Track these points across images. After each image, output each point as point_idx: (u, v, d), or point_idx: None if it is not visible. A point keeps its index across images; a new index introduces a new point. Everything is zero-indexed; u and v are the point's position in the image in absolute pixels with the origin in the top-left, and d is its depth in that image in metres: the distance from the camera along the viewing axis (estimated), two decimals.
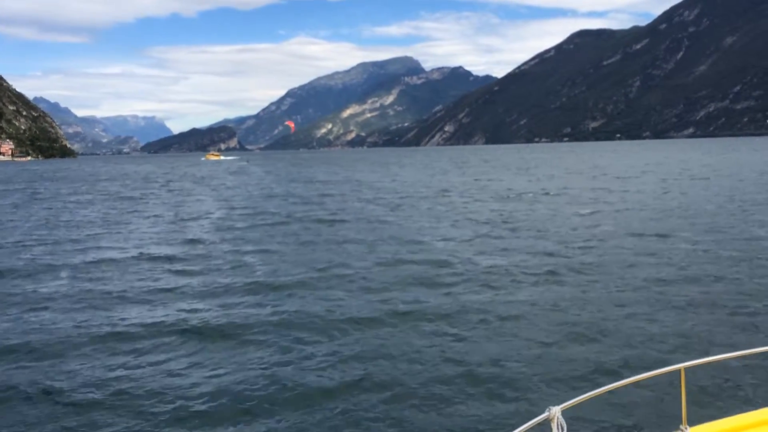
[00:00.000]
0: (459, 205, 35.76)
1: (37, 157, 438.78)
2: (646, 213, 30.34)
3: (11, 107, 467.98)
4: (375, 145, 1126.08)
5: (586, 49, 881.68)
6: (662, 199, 36.41)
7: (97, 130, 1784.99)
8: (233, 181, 76.03)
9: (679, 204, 33.30)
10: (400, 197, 42.67)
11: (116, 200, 47.88)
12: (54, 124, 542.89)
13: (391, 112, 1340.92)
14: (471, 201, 38.13)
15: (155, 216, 35.18)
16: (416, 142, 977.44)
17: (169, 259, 20.26)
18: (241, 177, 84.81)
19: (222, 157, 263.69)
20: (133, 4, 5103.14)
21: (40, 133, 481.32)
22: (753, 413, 4.54)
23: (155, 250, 22.32)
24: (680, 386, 4.23)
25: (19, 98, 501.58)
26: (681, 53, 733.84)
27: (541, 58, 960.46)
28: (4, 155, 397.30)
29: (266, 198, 46.01)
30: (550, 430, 3.70)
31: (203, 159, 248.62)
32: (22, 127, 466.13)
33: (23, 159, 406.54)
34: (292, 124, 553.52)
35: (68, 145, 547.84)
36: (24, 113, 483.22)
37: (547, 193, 41.39)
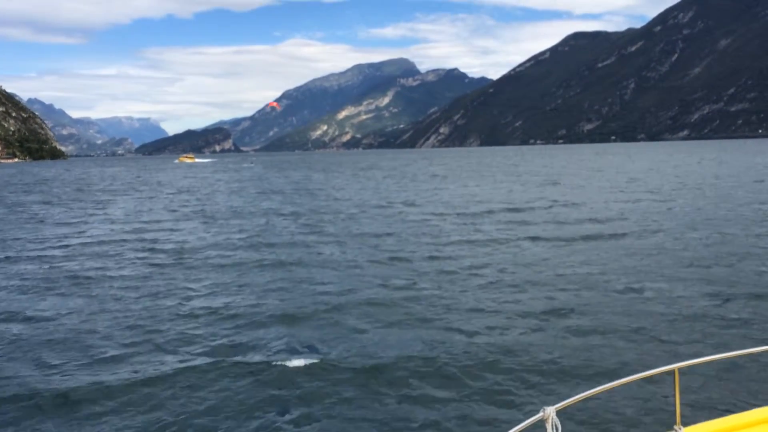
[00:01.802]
0: (400, 226, 29.15)
1: (25, 159, 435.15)
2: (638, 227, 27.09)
3: (0, 108, 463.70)
4: (370, 146, 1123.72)
5: (581, 51, 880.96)
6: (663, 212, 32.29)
7: (91, 131, 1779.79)
8: (182, 186, 71.11)
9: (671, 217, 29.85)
10: (339, 212, 36.27)
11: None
12: (44, 126, 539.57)
13: (387, 114, 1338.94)
14: (425, 218, 31.67)
15: None
16: (411, 143, 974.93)
17: None
18: (198, 182, 80.00)
19: (197, 160, 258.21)
20: (127, 5, 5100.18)
21: (29, 134, 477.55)
22: (747, 413, 4.57)
23: None
24: (674, 386, 4.25)
25: (9, 99, 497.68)
26: (675, 55, 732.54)
27: (536, 60, 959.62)
28: None
29: (185, 214, 38.52)
30: (545, 430, 3.70)
31: (176, 161, 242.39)
32: (11, 129, 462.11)
33: (10, 160, 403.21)
34: (276, 104, 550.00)
35: (58, 147, 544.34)
36: (13, 114, 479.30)
37: (524, 208, 35.58)
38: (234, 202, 45.29)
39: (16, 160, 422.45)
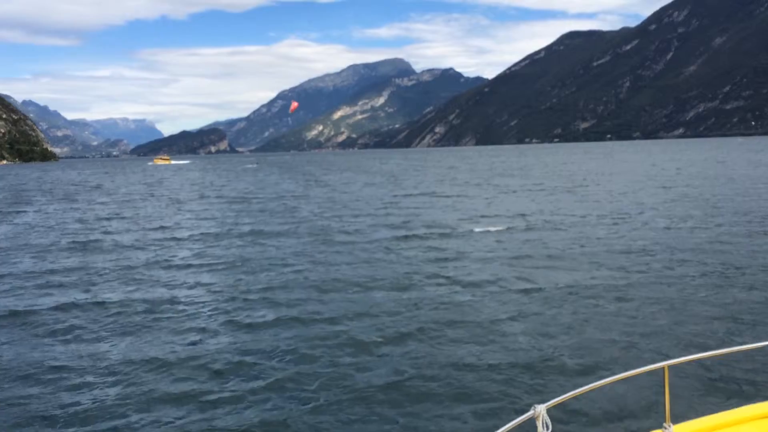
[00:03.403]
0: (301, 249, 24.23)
1: (15, 161, 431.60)
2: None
3: None
4: (366, 146, 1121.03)
5: (576, 50, 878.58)
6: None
7: (87, 133, 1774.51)
8: (124, 193, 66.58)
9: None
10: (261, 232, 30.65)
11: None
12: (35, 128, 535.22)
13: (382, 114, 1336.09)
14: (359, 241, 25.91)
15: None
16: (407, 143, 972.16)
17: None
18: (148, 189, 75.90)
19: (172, 162, 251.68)
20: (122, 7, 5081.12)
21: (20, 136, 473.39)
22: (736, 410, 4.61)
23: None
24: (664, 384, 4.28)
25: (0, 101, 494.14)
26: (670, 54, 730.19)
27: (532, 60, 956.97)
28: None
29: (76, 230, 32.39)
30: (536, 428, 3.70)
31: (150, 164, 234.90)
32: (1, 131, 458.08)
33: None
34: (295, 104, 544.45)
35: (50, 149, 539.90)
36: (4, 116, 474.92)
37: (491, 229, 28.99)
38: (157, 216, 40.05)
39: (4, 162, 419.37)
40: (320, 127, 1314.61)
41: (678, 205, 34.24)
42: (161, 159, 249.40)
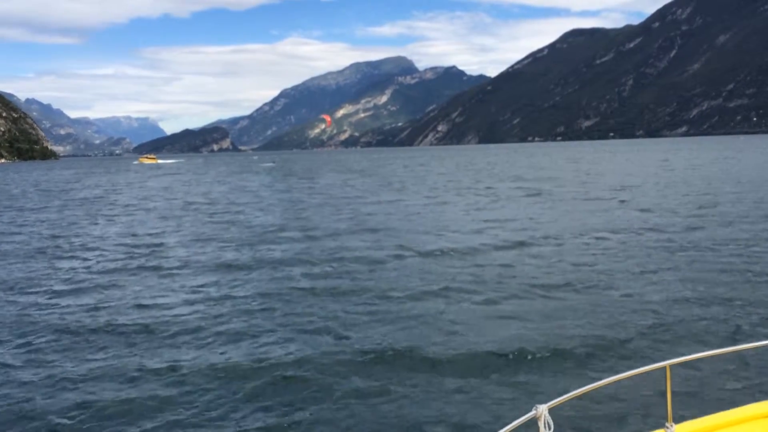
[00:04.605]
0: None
1: (14, 160, 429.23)
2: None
3: None
4: (368, 145, 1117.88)
5: (579, 48, 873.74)
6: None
7: (90, 131, 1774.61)
8: (81, 198, 62.29)
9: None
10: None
11: None
12: (35, 126, 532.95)
13: (385, 112, 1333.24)
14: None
15: None
16: (409, 141, 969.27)
17: None
18: (109, 194, 71.70)
19: (159, 161, 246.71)
20: (124, 5, 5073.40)
21: (20, 134, 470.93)
22: (738, 409, 4.61)
23: None
24: (666, 384, 4.27)
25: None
26: (674, 52, 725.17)
27: (534, 58, 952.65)
28: None
29: None
30: (537, 428, 3.70)
31: (135, 163, 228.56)
32: (1, 129, 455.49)
33: None
34: (328, 119, 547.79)
35: (50, 147, 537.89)
36: (3, 114, 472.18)
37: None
38: (78, 227, 34.93)
39: (2, 161, 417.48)
40: (323, 126, 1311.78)
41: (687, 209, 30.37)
42: (147, 158, 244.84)
